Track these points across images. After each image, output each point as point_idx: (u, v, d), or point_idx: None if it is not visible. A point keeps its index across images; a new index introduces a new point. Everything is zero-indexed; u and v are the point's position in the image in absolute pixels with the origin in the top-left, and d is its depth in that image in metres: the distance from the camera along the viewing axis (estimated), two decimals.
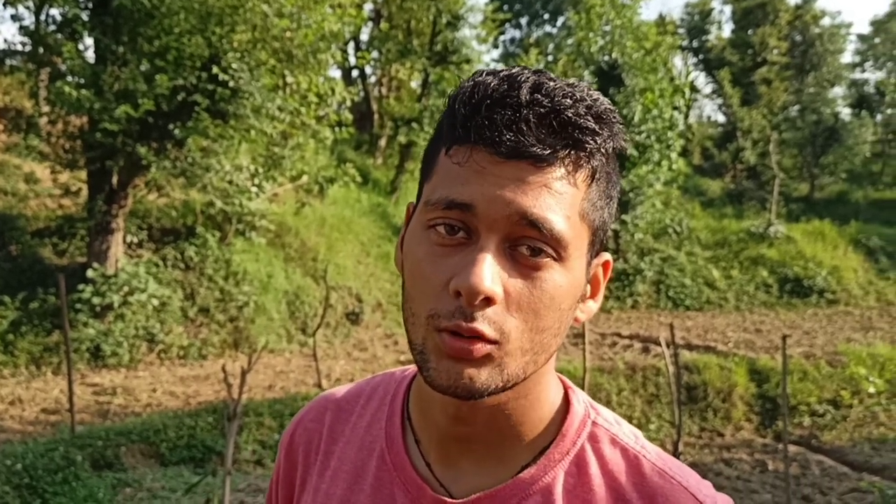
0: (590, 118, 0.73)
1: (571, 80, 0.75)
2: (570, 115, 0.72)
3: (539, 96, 0.72)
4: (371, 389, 0.97)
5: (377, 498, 0.86)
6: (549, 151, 0.71)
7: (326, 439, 0.94)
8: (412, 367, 0.93)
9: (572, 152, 0.73)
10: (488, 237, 0.71)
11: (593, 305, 0.82)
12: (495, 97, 0.72)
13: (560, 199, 0.72)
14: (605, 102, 0.75)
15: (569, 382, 0.88)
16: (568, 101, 0.72)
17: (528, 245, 0.72)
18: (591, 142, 0.73)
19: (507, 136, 0.71)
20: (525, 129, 0.71)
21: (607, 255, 0.83)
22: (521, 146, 0.70)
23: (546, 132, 0.71)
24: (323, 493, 0.90)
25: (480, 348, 0.71)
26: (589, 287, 0.81)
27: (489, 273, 0.69)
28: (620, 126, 0.77)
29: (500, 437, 0.82)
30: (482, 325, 0.70)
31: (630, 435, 0.85)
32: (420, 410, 0.87)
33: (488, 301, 0.70)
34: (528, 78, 0.73)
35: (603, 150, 0.75)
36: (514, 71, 0.74)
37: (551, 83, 0.73)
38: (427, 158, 0.80)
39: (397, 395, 0.93)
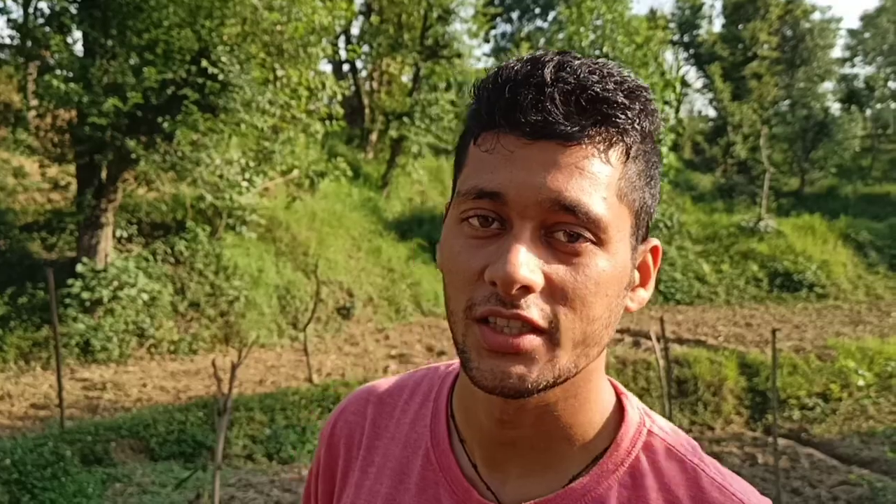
0: (619, 93, 0.69)
1: (599, 59, 0.72)
2: (597, 90, 0.68)
3: (564, 74, 0.69)
4: (414, 384, 0.94)
5: (422, 498, 0.83)
6: (577, 129, 0.68)
7: (369, 434, 0.92)
8: (456, 362, 0.90)
9: (603, 129, 0.69)
10: (522, 225, 0.68)
11: (644, 294, 0.78)
12: (518, 79, 0.69)
13: (593, 179, 0.68)
14: (635, 80, 0.71)
15: (621, 387, 0.83)
16: (595, 77, 0.69)
17: (565, 230, 0.68)
18: (622, 116, 0.69)
19: (532, 117, 0.68)
20: (550, 107, 0.68)
21: (656, 241, 0.79)
22: (547, 125, 0.68)
23: (573, 109, 0.68)
24: (367, 489, 0.87)
25: (528, 341, 0.68)
26: (638, 274, 0.77)
27: (524, 260, 0.66)
28: (654, 107, 0.73)
29: (549, 442, 0.78)
30: (527, 311, 0.67)
31: (687, 446, 0.80)
32: (464, 410, 0.84)
33: (527, 290, 0.67)
34: (552, 58, 0.70)
35: (637, 127, 0.71)
36: (538, 53, 0.72)
37: (576, 61, 0.70)
38: (458, 152, 0.77)
39: (441, 391, 0.90)
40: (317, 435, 7.76)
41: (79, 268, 10.35)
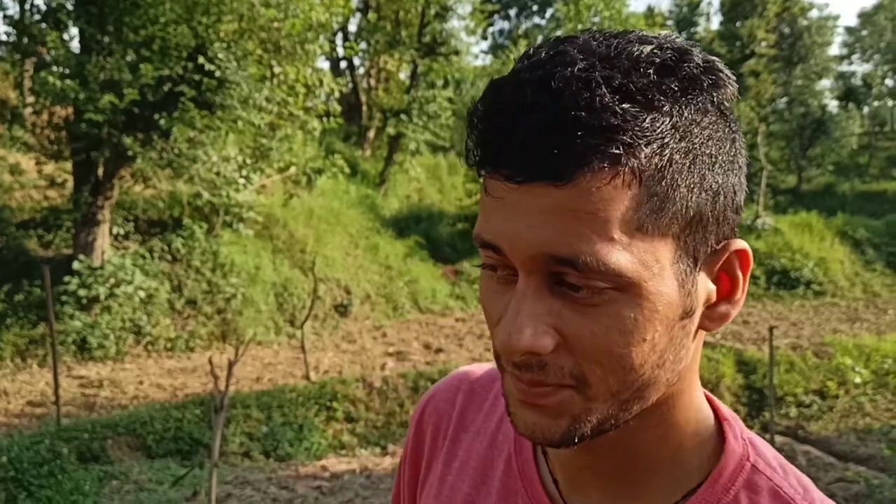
0: (621, 105, 0.55)
1: (612, 48, 0.58)
2: (581, 115, 0.54)
3: (544, 98, 0.55)
4: None
5: None
6: (565, 165, 0.55)
7: (455, 424, 0.87)
8: None
9: (597, 157, 0.55)
10: (527, 279, 0.59)
11: (729, 308, 0.65)
12: (497, 107, 0.58)
13: (594, 221, 0.56)
14: (660, 63, 0.58)
15: (724, 410, 0.73)
16: (586, 93, 0.55)
17: (573, 283, 0.58)
18: (619, 139, 0.55)
19: (513, 158, 0.57)
20: (529, 144, 0.56)
21: (739, 244, 0.64)
22: (527, 166, 0.56)
23: (560, 141, 0.55)
24: (449, 485, 0.83)
25: (554, 396, 0.61)
26: (715, 288, 0.64)
27: (526, 323, 0.58)
28: (703, 83, 0.60)
29: (631, 472, 0.70)
30: (542, 374, 0.60)
31: (797, 487, 0.68)
32: None
33: (535, 353, 0.59)
34: (536, 73, 0.57)
35: (659, 134, 0.57)
36: (525, 63, 0.59)
37: (567, 70, 0.56)
38: None
39: None
40: (314, 432, 7.77)
41: (75, 265, 10.33)
